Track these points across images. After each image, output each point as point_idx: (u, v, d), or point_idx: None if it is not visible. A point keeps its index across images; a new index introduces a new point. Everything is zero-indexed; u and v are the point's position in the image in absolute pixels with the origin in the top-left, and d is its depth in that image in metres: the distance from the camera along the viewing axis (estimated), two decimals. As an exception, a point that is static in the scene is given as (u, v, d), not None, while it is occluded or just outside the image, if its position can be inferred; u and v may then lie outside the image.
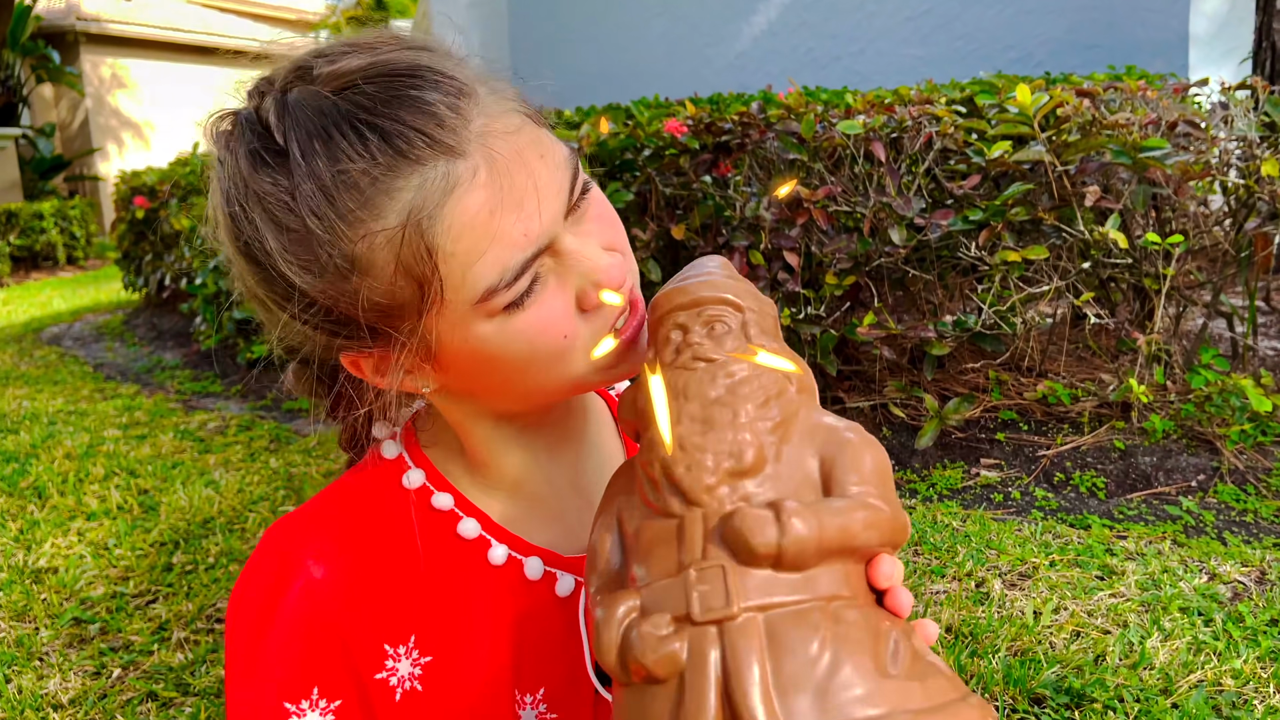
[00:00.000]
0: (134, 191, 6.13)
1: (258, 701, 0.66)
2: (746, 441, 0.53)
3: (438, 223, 0.59)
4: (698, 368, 0.57)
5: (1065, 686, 1.70)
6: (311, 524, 0.71)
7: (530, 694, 0.71)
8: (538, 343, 0.64)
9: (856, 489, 0.53)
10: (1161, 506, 2.61)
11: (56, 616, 2.32)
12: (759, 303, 0.61)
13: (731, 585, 0.49)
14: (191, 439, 3.74)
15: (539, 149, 0.63)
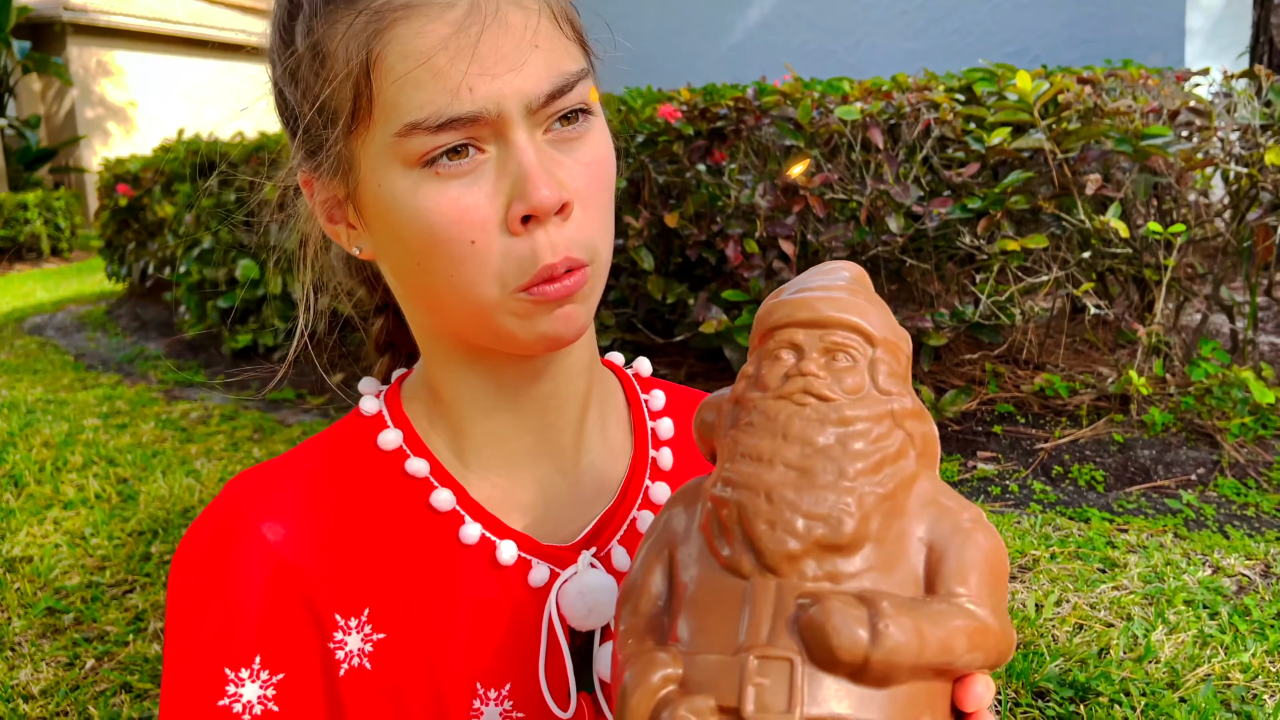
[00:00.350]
0: (117, 179, 6.05)
1: (195, 665, 0.61)
2: (848, 509, 0.44)
3: (394, 36, 0.56)
4: (807, 403, 0.46)
5: (1069, 680, 1.65)
6: (273, 480, 0.65)
7: (495, 689, 0.65)
8: (440, 230, 0.58)
9: (963, 592, 0.44)
10: (1161, 500, 2.56)
11: (30, 606, 2.25)
12: (895, 336, 0.50)
13: (797, 688, 0.41)
14: (173, 428, 3.67)
15: (536, 36, 0.58)
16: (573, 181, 0.60)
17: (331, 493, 0.65)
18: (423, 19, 0.56)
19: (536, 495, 0.70)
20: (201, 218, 4.67)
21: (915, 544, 0.45)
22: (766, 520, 0.43)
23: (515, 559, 0.66)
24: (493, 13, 0.57)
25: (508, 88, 0.57)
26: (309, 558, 0.62)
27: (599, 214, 0.62)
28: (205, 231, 4.62)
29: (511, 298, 0.60)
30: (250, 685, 0.60)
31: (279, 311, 4.39)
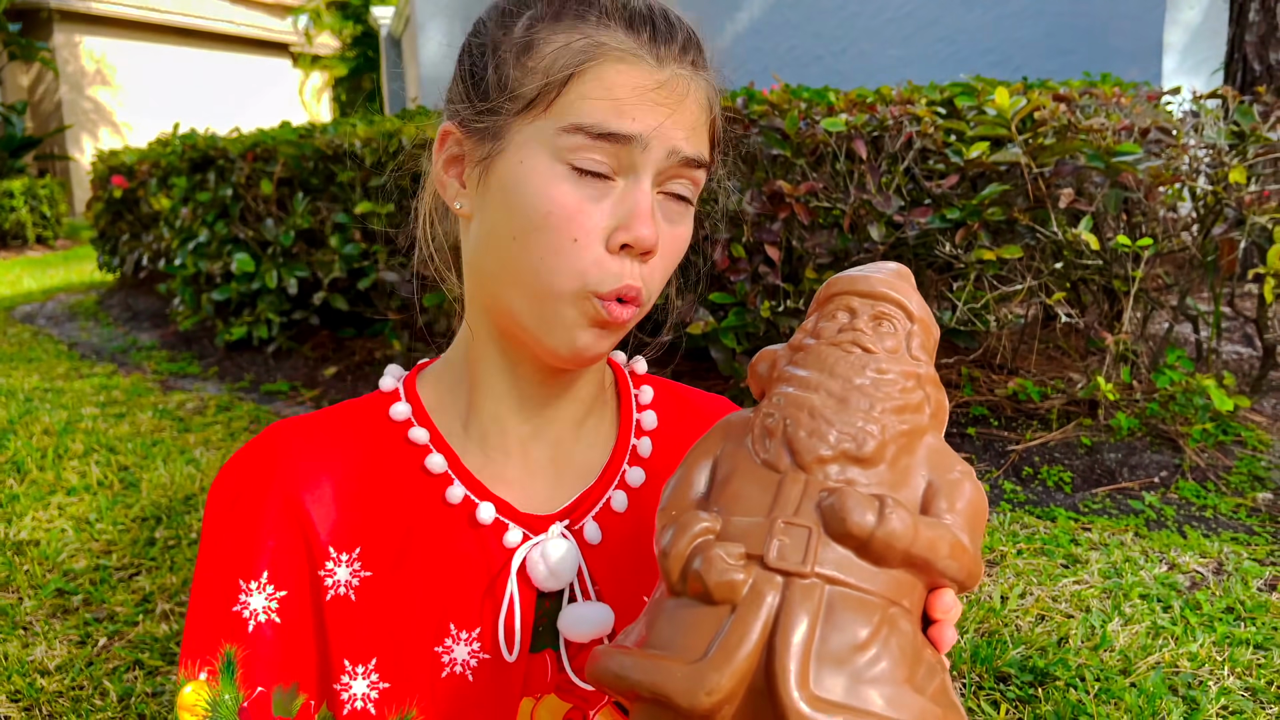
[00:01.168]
0: (112, 171, 6.10)
1: (217, 575, 0.73)
2: (872, 433, 0.54)
3: (600, 67, 0.69)
4: (853, 352, 0.58)
5: (1030, 665, 1.77)
6: (299, 433, 0.77)
7: (466, 631, 0.76)
8: (556, 217, 0.69)
9: (950, 519, 0.54)
10: (1125, 501, 2.69)
11: (39, 588, 2.33)
12: (930, 321, 0.62)
13: (812, 547, 0.50)
14: (170, 418, 3.75)
15: (695, 122, 0.71)
16: (662, 241, 0.72)
17: (344, 449, 0.77)
18: (629, 68, 0.69)
19: (523, 471, 0.80)
20: (198, 211, 4.74)
21: (918, 478, 0.56)
22: (806, 429, 0.54)
23: (493, 520, 0.77)
24: (669, 86, 0.69)
25: (663, 133, 0.69)
26: (316, 499, 0.75)
27: (663, 279, 0.75)
28: (201, 225, 4.69)
29: (584, 298, 0.70)
30: (258, 596, 0.73)
31: (273, 305, 4.47)
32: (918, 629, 0.53)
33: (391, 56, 13.59)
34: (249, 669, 0.73)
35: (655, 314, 2.89)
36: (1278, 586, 2.11)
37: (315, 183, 4.24)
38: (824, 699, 0.47)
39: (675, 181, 0.73)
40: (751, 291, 3.13)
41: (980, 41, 6.43)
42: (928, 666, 0.52)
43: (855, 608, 0.49)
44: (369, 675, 0.74)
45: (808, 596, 0.49)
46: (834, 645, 0.48)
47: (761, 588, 0.49)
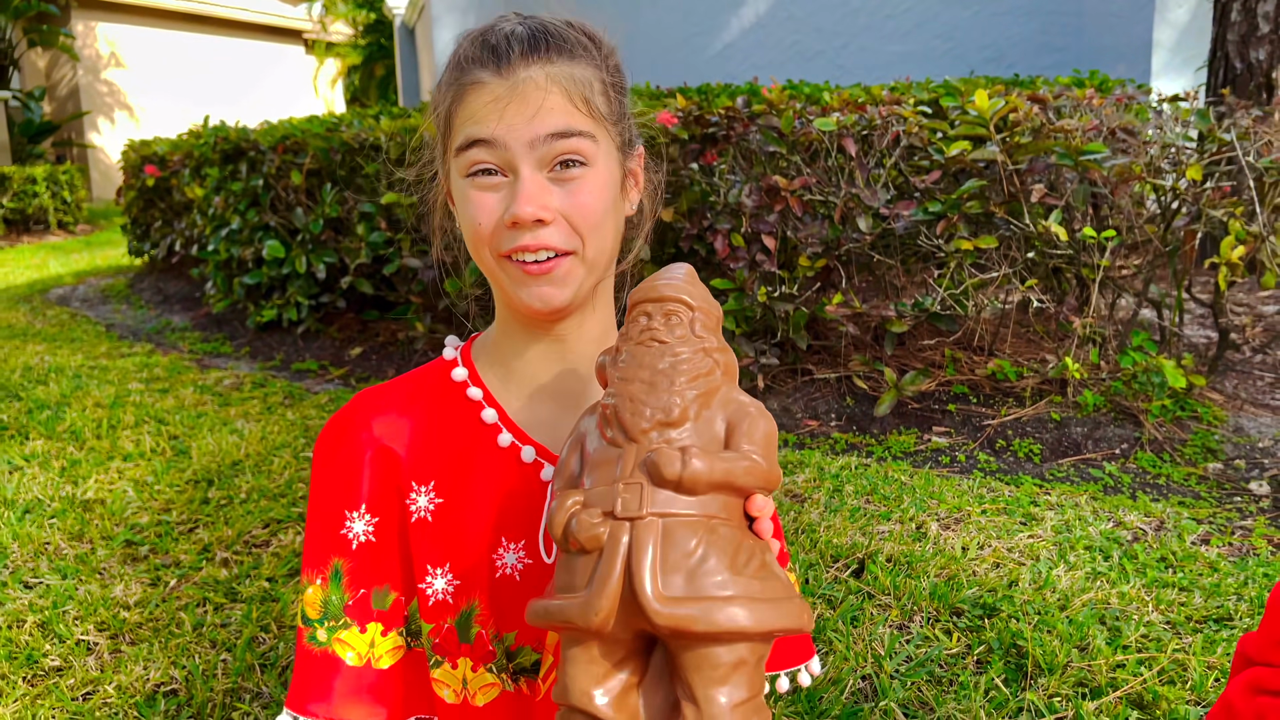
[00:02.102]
0: (144, 160, 6.37)
1: (326, 507, 0.99)
2: (675, 404, 0.76)
3: (462, 96, 0.94)
4: (652, 346, 0.80)
5: (981, 602, 2.04)
6: (381, 395, 1.03)
7: (514, 543, 1.00)
8: (468, 215, 0.93)
9: (747, 447, 0.75)
10: (1087, 470, 2.96)
11: (110, 539, 2.62)
12: (709, 305, 0.83)
13: (645, 497, 0.72)
14: (210, 394, 4.03)
15: (546, 108, 0.91)
16: (558, 204, 0.90)
17: (419, 406, 1.02)
18: (480, 90, 0.93)
19: (553, 419, 1.03)
20: (230, 200, 5.01)
21: (719, 422, 0.78)
22: (629, 411, 0.77)
23: (533, 459, 1.01)
24: (516, 90, 0.92)
25: (515, 130, 0.90)
26: (399, 445, 1.00)
27: (585, 228, 0.92)
28: (233, 213, 4.97)
29: (501, 262, 0.92)
30: (359, 522, 0.99)
31: (303, 289, 4.75)
32: (741, 529, 0.74)
33: (405, 46, 13.81)
34: (353, 577, 0.99)
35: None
36: (1210, 541, 2.38)
37: (343, 174, 4.51)
38: (670, 596, 0.69)
39: (557, 155, 0.90)
40: (749, 278, 3.39)
41: (976, 38, 6.66)
42: (747, 552, 0.73)
43: (683, 529, 0.71)
44: (445, 575, 0.99)
45: (648, 530, 0.71)
46: (673, 558, 0.70)
47: (616, 533, 0.72)
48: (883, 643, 1.93)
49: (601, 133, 0.94)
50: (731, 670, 0.69)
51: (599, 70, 0.95)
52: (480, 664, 0.98)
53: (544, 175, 0.90)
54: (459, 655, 0.98)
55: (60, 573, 2.42)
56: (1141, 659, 1.83)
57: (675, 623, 0.68)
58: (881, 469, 2.94)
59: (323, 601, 0.98)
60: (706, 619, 0.67)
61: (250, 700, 1.87)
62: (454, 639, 0.98)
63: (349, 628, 0.98)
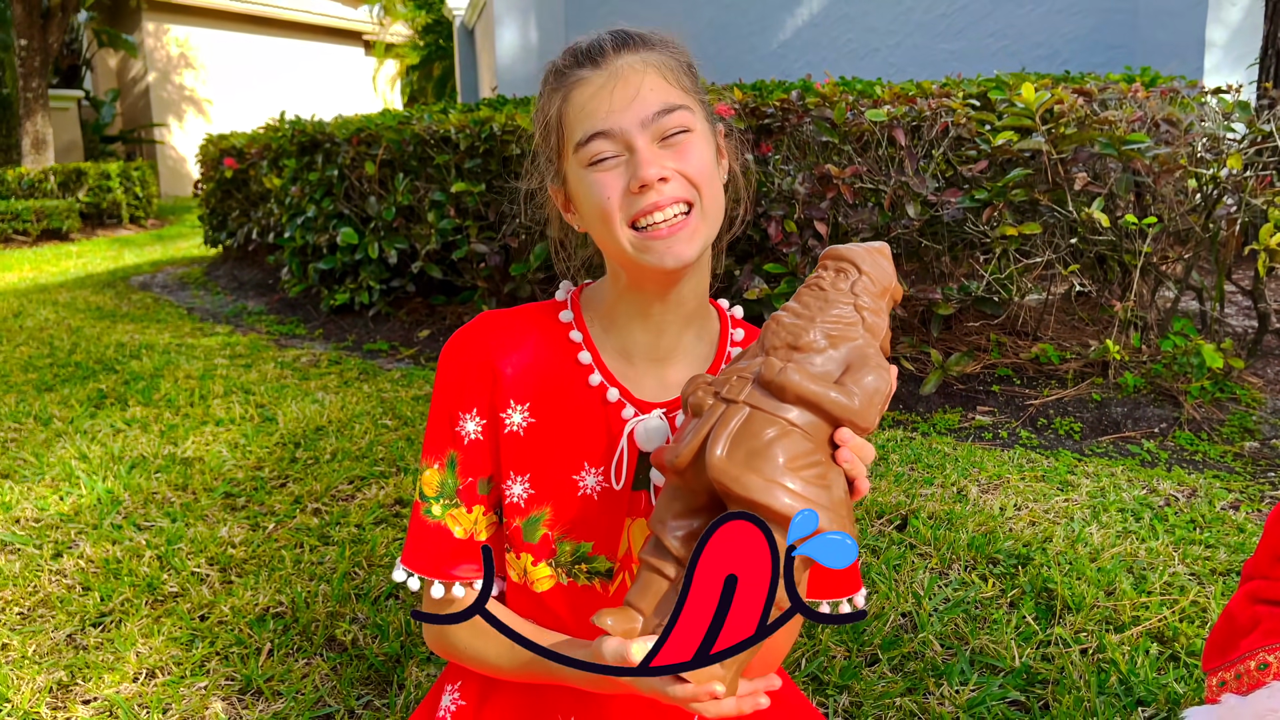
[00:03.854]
0: (222, 153, 6.70)
1: (444, 407, 1.16)
2: (804, 333, 0.93)
3: (568, 95, 1.07)
4: (814, 290, 0.97)
5: (1016, 553, 2.20)
6: (499, 322, 1.20)
7: (595, 468, 1.16)
8: (595, 197, 1.03)
9: (849, 386, 0.90)
10: (1126, 447, 3.08)
11: (211, 490, 2.87)
12: (881, 275, 0.95)
13: (745, 389, 0.91)
14: (290, 369, 4.29)
15: (647, 89, 1.06)
16: (675, 164, 1.03)
17: (527, 336, 1.19)
18: (583, 85, 1.08)
19: (642, 370, 1.20)
20: (306, 190, 5.29)
21: (839, 362, 0.93)
22: (773, 333, 0.95)
23: (617, 400, 1.17)
24: (617, 76, 1.07)
25: (625, 115, 1.03)
26: (506, 366, 1.17)
27: (702, 182, 1.04)
28: (309, 202, 5.24)
29: (630, 233, 1.02)
30: (470, 422, 1.17)
31: (374, 274, 5.00)
32: (817, 444, 0.88)
33: (465, 46, 14.13)
34: (464, 466, 1.17)
35: (715, 281, 3.44)
36: (1240, 507, 2.51)
37: (414, 164, 4.75)
38: (729, 459, 0.86)
39: (664, 129, 1.02)
40: (802, 262, 3.56)
41: (1029, 36, 6.74)
42: (812, 461, 0.85)
43: (765, 421, 0.87)
44: (524, 483, 1.16)
45: (736, 411, 0.89)
46: (745, 436, 0.87)
47: (715, 407, 0.91)
48: (922, 585, 2.09)
49: (694, 104, 1.07)
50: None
51: (675, 56, 1.09)
52: (540, 560, 1.15)
53: (657, 145, 1.03)
54: (522, 550, 1.16)
55: (170, 517, 2.67)
56: (1164, 602, 1.97)
57: (722, 477, 0.85)
58: (925, 442, 3.10)
59: (439, 483, 1.17)
60: (744, 483, 0.83)
61: (349, 621, 2.09)
62: (519, 537, 1.15)
63: (459, 507, 1.17)
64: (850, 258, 0.96)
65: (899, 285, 1.00)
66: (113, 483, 2.91)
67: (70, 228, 11.86)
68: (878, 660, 1.85)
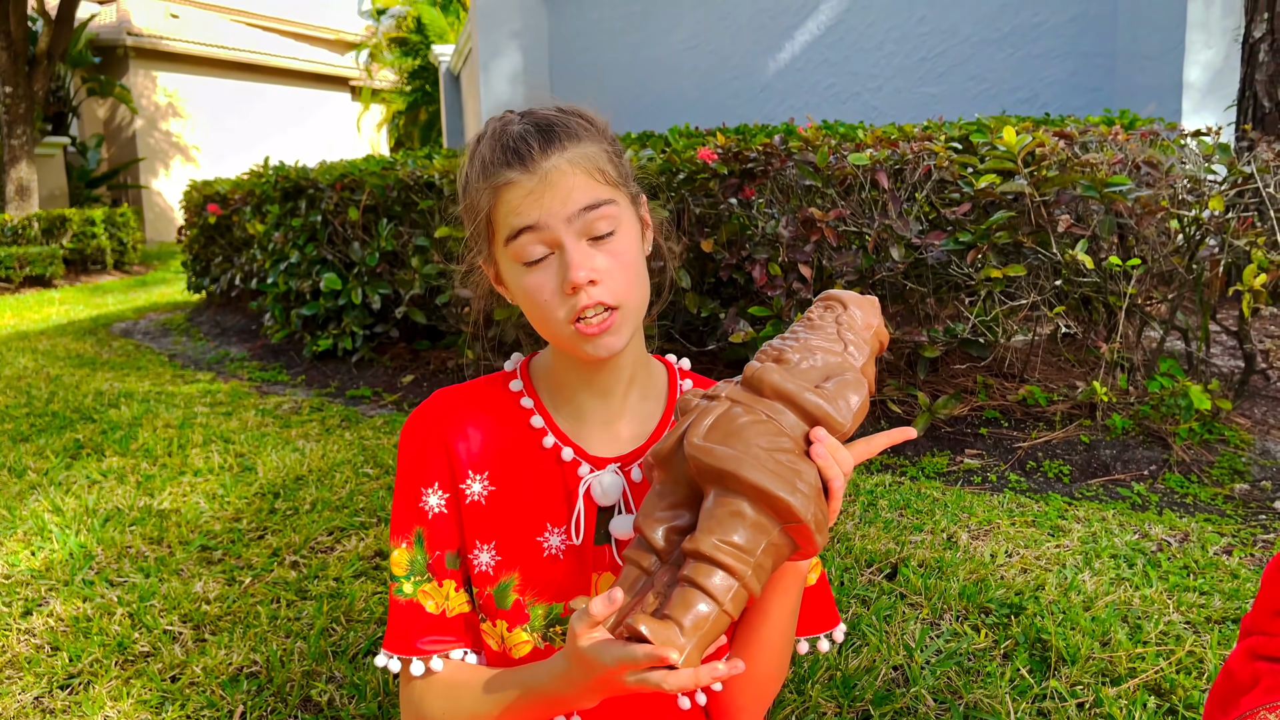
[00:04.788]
0: (206, 199, 6.68)
1: (408, 484, 1.19)
2: (788, 352, 0.98)
3: (500, 199, 1.09)
4: (805, 323, 1.03)
5: (1008, 602, 2.16)
6: (451, 397, 1.23)
7: (557, 528, 1.18)
8: (532, 296, 1.08)
9: (825, 389, 0.95)
10: (1115, 489, 3.05)
11: (186, 543, 2.80)
12: (867, 314, 1.03)
13: (727, 388, 0.96)
14: (271, 416, 4.24)
15: (573, 191, 1.08)
16: (603, 265, 1.07)
17: (481, 409, 1.22)
18: (513, 187, 1.09)
19: (592, 427, 1.22)
20: (289, 235, 5.27)
21: (821, 370, 0.97)
22: (761, 350, 1.00)
23: (572, 458, 1.19)
24: (546, 181, 1.08)
25: (552, 211, 1.06)
26: (461, 440, 1.20)
27: (626, 283, 1.09)
28: (292, 248, 5.22)
29: (568, 327, 1.07)
30: (433, 496, 1.19)
31: (358, 319, 4.97)
32: (792, 437, 0.92)
33: (450, 92, 14.22)
34: (432, 541, 1.19)
35: (699, 325, 3.48)
36: (1233, 552, 2.48)
37: (398, 210, 4.74)
38: (704, 439, 0.90)
39: (592, 227, 1.06)
40: (786, 305, 3.55)
41: (1009, 80, 6.82)
42: (783, 445, 0.91)
43: (744, 412, 0.92)
44: (490, 550, 1.18)
45: (718, 405, 0.94)
46: (722, 422, 0.91)
47: (698, 405, 0.96)
48: (914, 637, 2.05)
49: (619, 195, 1.11)
50: (728, 516, 0.87)
51: (601, 143, 1.12)
52: (515, 625, 1.16)
53: (584, 243, 1.07)
54: (496, 618, 1.17)
55: (143, 572, 2.60)
56: (1160, 652, 1.93)
57: (695, 452, 0.89)
58: (914, 486, 3.06)
59: (409, 561, 1.19)
60: (715, 454, 0.88)
61: (325, 680, 2.02)
62: (493, 605, 1.17)
63: (430, 581, 1.18)
64: (838, 297, 1.04)
65: (885, 329, 1.05)
66: (86, 536, 2.85)
67: (53, 274, 11.80)
68: (869, 717, 1.81)
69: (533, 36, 9.45)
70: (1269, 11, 4.97)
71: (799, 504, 0.86)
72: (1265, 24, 5.01)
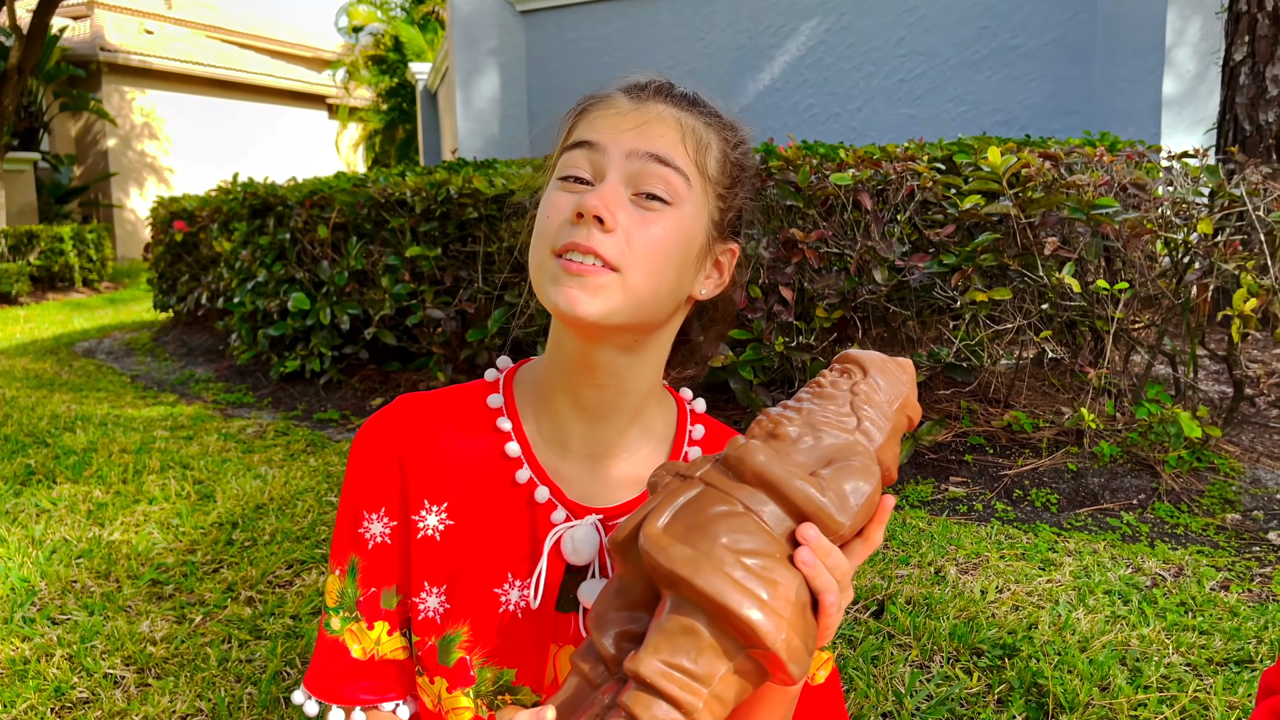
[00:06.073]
0: (173, 216, 6.52)
1: (350, 507, 1.03)
2: (786, 426, 0.80)
3: (589, 109, 0.97)
4: (815, 390, 0.85)
5: (1001, 642, 2.05)
6: (415, 407, 1.04)
7: (520, 579, 1.00)
8: (545, 213, 0.91)
9: (822, 477, 0.77)
10: (1105, 519, 2.96)
11: (136, 577, 2.66)
12: (889, 383, 0.84)
13: (705, 467, 0.77)
14: (234, 441, 4.09)
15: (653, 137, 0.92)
16: (627, 224, 0.88)
17: (448, 426, 1.03)
18: (606, 108, 0.96)
19: (577, 466, 1.01)
20: (257, 253, 5.13)
21: (822, 454, 0.79)
22: (756, 421, 0.83)
23: (547, 500, 0.99)
24: (639, 115, 0.94)
25: (622, 139, 0.91)
26: (418, 463, 1.01)
27: (643, 259, 0.89)
28: (260, 266, 5.08)
29: (551, 259, 0.89)
30: (377, 523, 1.02)
31: (326, 340, 4.83)
32: (774, 539, 0.74)
33: (428, 110, 14.13)
34: (366, 574, 1.02)
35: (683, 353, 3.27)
36: (1230, 587, 2.39)
37: (368, 228, 4.62)
38: (663, 532, 0.73)
39: (646, 180, 0.89)
40: (767, 329, 3.45)
41: (988, 102, 6.79)
42: (762, 551, 0.72)
43: (720, 501, 0.74)
44: (440, 595, 1.00)
45: (689, 486, 0.77)
46: (690, 512, 0.74)
47: (669, 484, 0.78)
48: (903, 681, 1.94)
49: (698, 184, 0.93)
50: (680, 633, 0.70)
51: (722, 141, 0.97)
52: (455, 687, 0.99)
53: (628, 193, 0.89)
54: (436, 674, 1.00)
55: (87, 609, 2.46)
56: (1163, 698, 1.83)
57: (648, 546, 0.72)
58: (899, 516, 2.96)
59: (339, 592, 1.03)
60: (670, 554, 0.71)
61: (275, 731, 1.89)
62: (434, 658, 0.99)
63: (359, 621, 1.02)
64: (859, 359, 0.85)
65: (915, 403, 0.85)
66: (30, 570, 2.70)
67: (19, 291, 11.57)
68: (857, 770, 1.69)
69: (510, 55, 9.37)
70: (1249, 34, 4.96)
71: (766, 626, 0.69)
72: (1246, 47, 5.00)
